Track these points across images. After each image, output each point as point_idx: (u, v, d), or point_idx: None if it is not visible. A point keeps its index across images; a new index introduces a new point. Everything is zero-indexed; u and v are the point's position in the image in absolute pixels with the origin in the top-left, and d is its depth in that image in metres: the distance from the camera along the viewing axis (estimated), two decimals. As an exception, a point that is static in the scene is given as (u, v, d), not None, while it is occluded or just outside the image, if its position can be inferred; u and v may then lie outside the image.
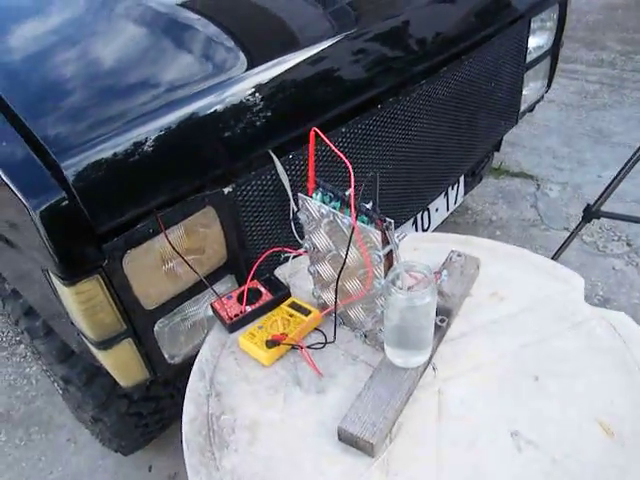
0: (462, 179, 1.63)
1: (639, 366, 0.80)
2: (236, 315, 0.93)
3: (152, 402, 1.35)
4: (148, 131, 0.84)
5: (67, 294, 0.84)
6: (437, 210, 1.57)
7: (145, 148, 0.84)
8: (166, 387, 1.36)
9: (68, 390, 1.27)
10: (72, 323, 0.94)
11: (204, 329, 1.05)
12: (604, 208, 1.51)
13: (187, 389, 0.85)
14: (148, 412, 1.35)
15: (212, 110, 0.91)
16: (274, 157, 0.97)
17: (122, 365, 0.96)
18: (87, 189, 0.79)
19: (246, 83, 0.95)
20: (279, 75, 0.98)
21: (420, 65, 1.19)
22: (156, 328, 0.97)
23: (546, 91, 1.77)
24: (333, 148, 0.72)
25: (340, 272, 0.77)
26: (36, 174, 0.78)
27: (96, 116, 0.83)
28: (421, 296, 0.70)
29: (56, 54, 0.93)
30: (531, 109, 1.76)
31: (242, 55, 1.00)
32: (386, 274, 0.75)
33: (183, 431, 0.79)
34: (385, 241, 0.71)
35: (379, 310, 0.80)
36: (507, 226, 2.55)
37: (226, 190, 0.93)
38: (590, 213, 1.44)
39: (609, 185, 1.39)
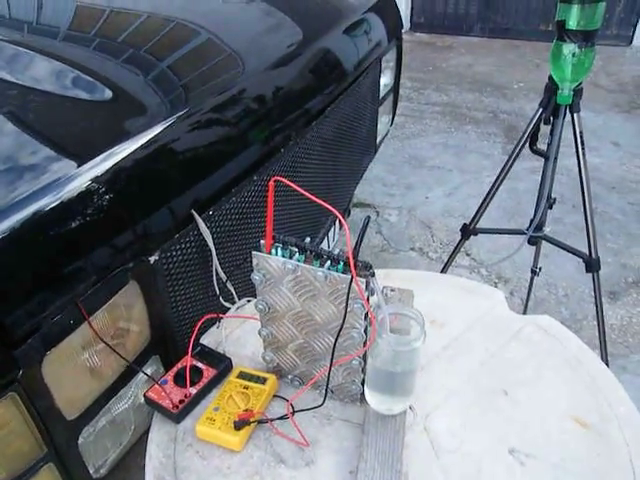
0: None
1: (578, 360, 0.88)
2: (181, 401, 0.81)
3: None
4: (57, 201, 0.69)
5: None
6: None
7: (54, 221, 0.69)
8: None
9: None
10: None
11: (131, 425, 0.89)
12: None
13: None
14: None
15: (128, 172, 0.79)
16: (196, 216, 0.87)
17: (39, 500, 0.76)
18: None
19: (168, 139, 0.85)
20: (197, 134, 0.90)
21: (310, 108, 1.21)
22: (80, 440, 0.79)
23: (391, 124, 1.92)
24: (301, 191, 0.67)
25: (340, 328, 0.71)
26: None
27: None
28: (413, 339, 0.68)
29: None
30: (381, 142, 1.89)
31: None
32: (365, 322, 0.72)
33: None
34: (369, 289, 0.68)
35: (355, 361, 0.76)
36: (360, 255, 2.69)
37: (152, 259, 0.81)
38: (468, 231, 1.58)
39: (481, 205, 1.55)
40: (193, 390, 0.82)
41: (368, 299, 0.68)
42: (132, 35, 1.15)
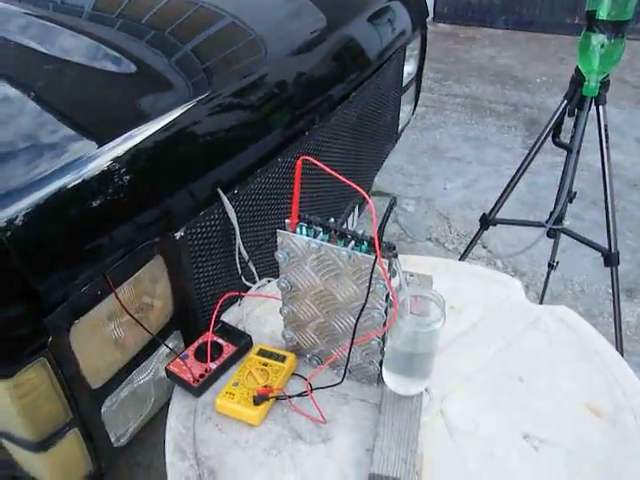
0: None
1: (594, 351, 0.88)
2: (201, 375, 0.82)
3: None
4: (82, 182, 0.71)
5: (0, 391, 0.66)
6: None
7: (83, 196, 0.71)
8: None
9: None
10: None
11: (151, 397, 0.91)
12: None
13: (168, 477, 0.72)
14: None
15: (153, 151, 0.80)
16: (221, 194, 0.89)
17: (64, 464, 0.79)
18: (25, 250, 0.63)
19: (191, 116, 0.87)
20: (221, 111, 0.91)
21: (335, 94, 1.22)
22: (103, 409, 0.81)
23: (413, 113, 1.92)
24: (328, 170, 0.68)
25: (362, 308, 0.72)
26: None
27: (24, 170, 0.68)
28: (433, 321, 0.69)
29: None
30: (402, 131, 1.89)
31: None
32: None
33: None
34: (391, 270, 0.69)
35: (375, 342, 0.77)
36: (377, 241, 2.70)
37: (178, 234, 0.82)
38: (487, 221, 1.58)
39: (501, 196, 1.54)
40: (213, 365, 0.84)
41: (390, 280, 0.69)
42: (157, 17, 1.16)
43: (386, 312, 0.73)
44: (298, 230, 0.73)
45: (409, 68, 1.69)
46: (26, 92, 0.84)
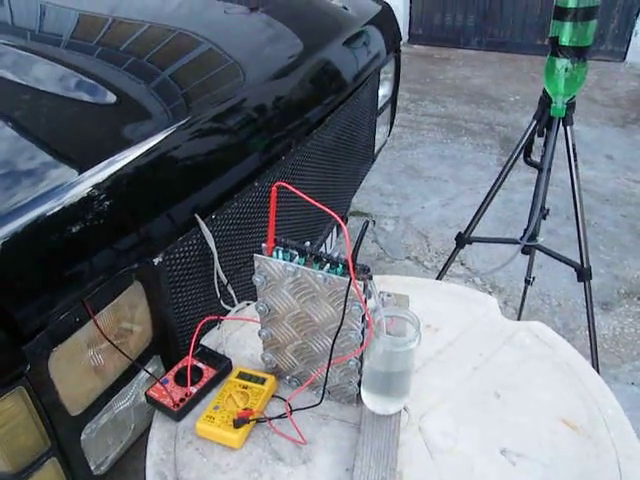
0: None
1: (568, 365, 0.91)
2: (182, 400, 0.83)
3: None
4: (65, 205, 0.72)
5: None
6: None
7: (63, 224, 0.72)
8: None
9: None
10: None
11: (132, 424, 0.91)
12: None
13: (149, 502, 0.72)
14: None
15: (132, 178, 0.81)
16: (199, 219, 0.90)
17: (41, 494, 0.78)
18: (3, 278, 0.64)
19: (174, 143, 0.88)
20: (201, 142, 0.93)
21: (311, 117, 1.25)
22: (83, 436, 0.81)
23: (389, 135, 1.96)
24: (303, 196, 0.70)
25: (339, 330, 0.73)
26: None
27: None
28: (409, 340, 0.71)
29: None
30: (378, 151, 1.93)
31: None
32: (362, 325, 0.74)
33: None
34: (366, 291, 0.71)
35: (352, 362, 0.78)
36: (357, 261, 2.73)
37: (156, 260, 0.83)
38: (463, 240, 1.61)
39: (476, 214, 1.58)
40: (193, 389, 0.84)
41: (366, 301, 0.71)
42: (135, 44, 1.18)
43: (363, 333, 0.75)
44: (274, 254, 0.75)
45: (384, 90, 1.73)
46: (6, 121, 0.85)
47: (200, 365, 0.88)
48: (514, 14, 5.35)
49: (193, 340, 0.87)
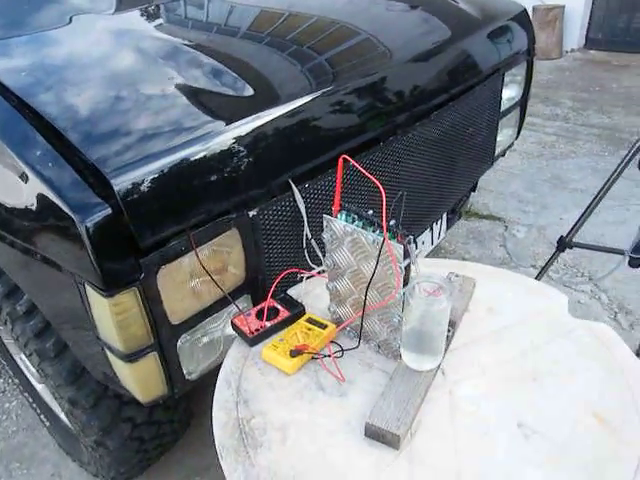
0: (444, 215, 1.76)
1: (622, 369, 0.91)
2: (257, 330, 1.00)
3: (154, 426, 1.37)
4: (188, 156, 0.93)
5: (104, 306, 0.89)
6: (423, 243, 1.69)
7: (185, 171, 0.92)
8: (167, 411, 1.39)
9: (73, 414, 1.28)
10: (98, 337, 0.99)
11: (220, 347, 1.11)
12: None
13: (214, 399, 0.90)
14: (149, 437, 1.37)
15: (243, 142, 1.00)
16: (293, 186, 1.07)
17: (144, 379, 1.01)
18: (134, 205, 0.86)
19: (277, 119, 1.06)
20: (300, 114, 1.10)
21: (415, 109, 1.34)
22: (179, 343, 1.02)
23: (516, 138, 1.95)
24: (362, 171, 0.82)
25: (370, 282, 0.86)
26: (83, 191, 0.85)
27: (144, 141, 0.91)
28: (440, 301, 0.80)
29: (105, 87, 1.02)
30: (503, 154, 1.93)
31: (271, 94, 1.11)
32: (405, 285, 0.85)
33: (216, 436, 0.84)
34: (406, 254, 0.81)
35: (396, 319, 0.89)
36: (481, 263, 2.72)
37: (251, 213, 1.02)
38: (564, 243, 1.58)
39: (580, 218, 1.54)
40: (268, 324, 1.01)
41: (404, 260, 0.82)
42: (302, 33, 1.36)
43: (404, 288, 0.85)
44: (339, 216, 0.88)
45: (510, 92, 1.74)
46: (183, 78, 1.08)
47: (278, 307, 1.05)
48: None
49: (274, 285, 1.04)
